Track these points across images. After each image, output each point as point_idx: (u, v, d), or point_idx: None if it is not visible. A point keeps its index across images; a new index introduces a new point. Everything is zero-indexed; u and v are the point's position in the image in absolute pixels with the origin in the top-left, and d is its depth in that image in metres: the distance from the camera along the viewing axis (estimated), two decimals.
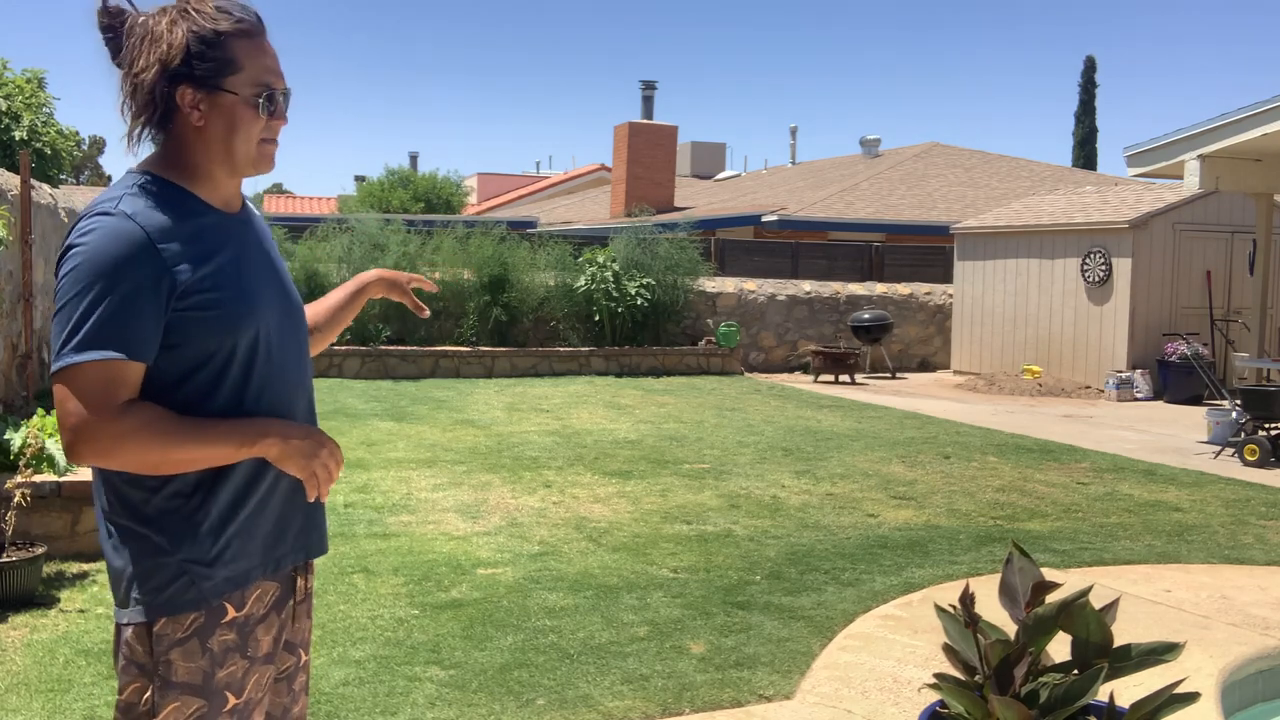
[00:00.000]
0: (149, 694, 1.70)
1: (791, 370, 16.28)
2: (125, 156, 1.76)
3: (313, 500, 1.75)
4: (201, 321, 1.66)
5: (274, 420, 1.73)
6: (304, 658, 1.97)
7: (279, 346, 1.79)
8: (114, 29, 1.71)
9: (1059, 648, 2.22)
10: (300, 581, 1.89)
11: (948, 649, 2.26)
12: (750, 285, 16.52)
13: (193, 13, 1.69)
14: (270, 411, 1.76)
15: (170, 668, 1.69)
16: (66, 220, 9.28)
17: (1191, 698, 2.04)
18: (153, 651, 1.70)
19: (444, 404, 11.27)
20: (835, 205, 21.78)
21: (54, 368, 1.61)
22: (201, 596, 1.70)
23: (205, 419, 1.67)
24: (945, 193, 23.26)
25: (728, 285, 16.34)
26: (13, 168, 8.25)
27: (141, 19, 1.70)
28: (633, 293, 14.96)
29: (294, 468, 1.71)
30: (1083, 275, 14.24)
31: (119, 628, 1.73)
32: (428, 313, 2.15)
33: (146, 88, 1.67)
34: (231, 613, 1.74)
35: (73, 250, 1.62)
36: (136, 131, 1.72)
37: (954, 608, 2.27)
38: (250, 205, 1.92)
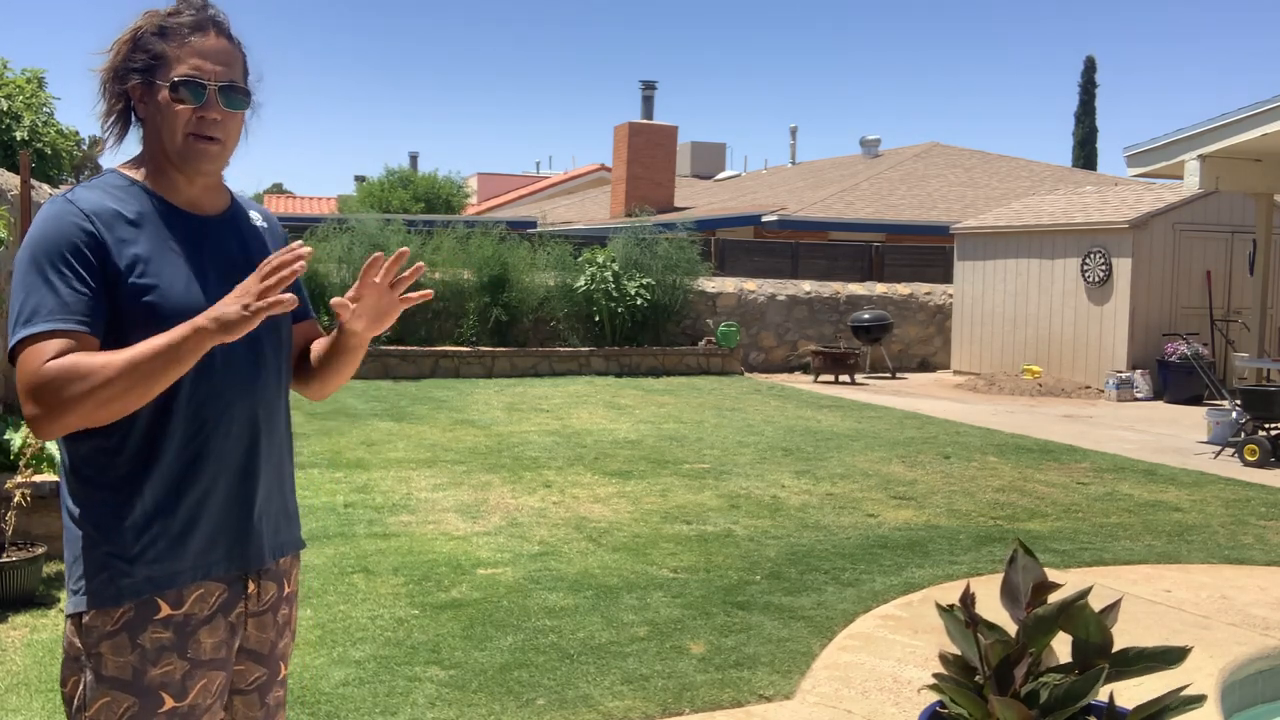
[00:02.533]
0: (80, 687, 1.69)
1: (791, 370, 16.28)
2: (111, 150, 1.82)
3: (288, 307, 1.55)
4: (136, 310, 1.66)
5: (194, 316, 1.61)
6: (281, 671, 1.91)
7: (224, 355, 1.73)
8: None
9: (1060, 648, 2.22)
10: (253, 585, 1.82)
11: (946, 651, 2.25)
12: (750, 285, 16.52)
13: (151, 13, 1.76)
14: (201, 418, 1.72)
15: (100, 660, 1.68)
16: None
17: (1197, 701, 2.04)
18: (84, 644, 1.69)
19: (444, 404, 11.27)
20: (835, 205, 21.78)
21: (10, 345, 1.62)
22: (120, 592, 1.68)
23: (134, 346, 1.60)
24: (945, 193, 23.26)
25: (728, 285, 16.34)
26: (13, 168, 8.24)
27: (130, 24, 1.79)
28: (632, 293, 14.96)
29: (234, 331, 1.57)
30: (1083, 275, 14.24)
31: (66, 619, 1.74)
32: (430, 294, 1.90)
33: (101, 83, 1.77)
34: (166, 610, 1.70)
35: (25, 239, 1.67)
36: (110, 120, 1.79)
37: (954, 607, 2.27)
38: (246, 212, 1.91)
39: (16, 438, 5.19)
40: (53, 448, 5.20)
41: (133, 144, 1.82)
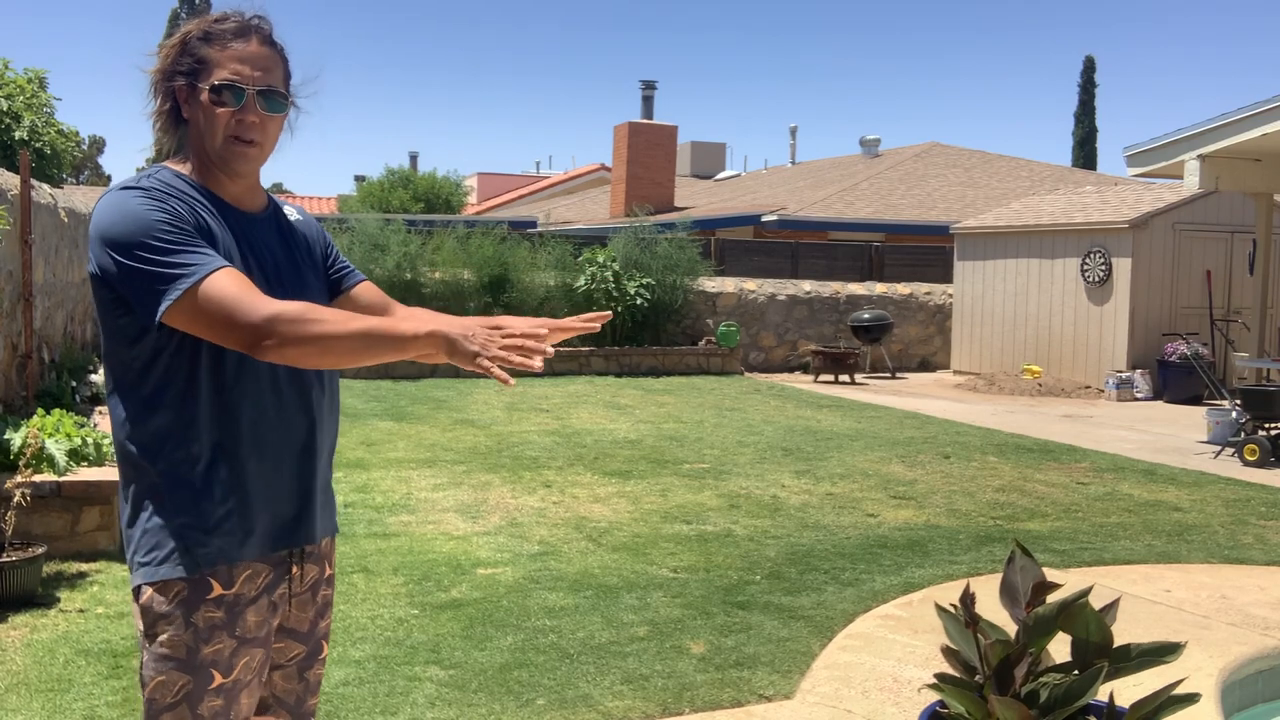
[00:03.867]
0: (142, 661, 1.77)
1: (791, 370, 16.28)
2: (134, 155, 1.88)
3: (510, 384, 1.55)
4: None
5: (434, 316, 1.88)
6: (323, 650, 2.00)
7: None
8: None
9: (1059, 648, 2.22)
10: (296, 569, 1.90)
11: (947, 651, 2.26)
12: (750, 285, 16.52)
13: (201, 20, 1.84)
14: (272, 393, 1.82)
15: (156, 640, 1.74)
16: (66, 220, 9.28)
17: (1192, 698, 2.04)
18: (144, 622, 1.76)
19: (444, 404, 11.27)
20: (835, 205, 21.78)
21: (175, 297, 1.67)
22: (194, 563, 1.74)
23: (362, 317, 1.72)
24: (945, 193, 23.26)
25: (728, 285, 16.34)
26: (13, 168, 8.24)
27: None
28: (632, 292, 14.96)
29: (463, 359, 1.62)
30: (1083, 275, 14.24)
31: (133, 593, 1.80)
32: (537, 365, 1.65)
33: (151, 84, 1.85)
34: (218, 589, 1.77)
35: (109, 219, 1.71)
36: (156, 126, 1.87)
37: (954, 607, 2.27)
38: (284, 210, 1.99)
39: (16, 438, 5.19)
40: (52, 448, 5.20)
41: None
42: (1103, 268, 13.92)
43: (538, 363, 1.57)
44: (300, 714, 1.98)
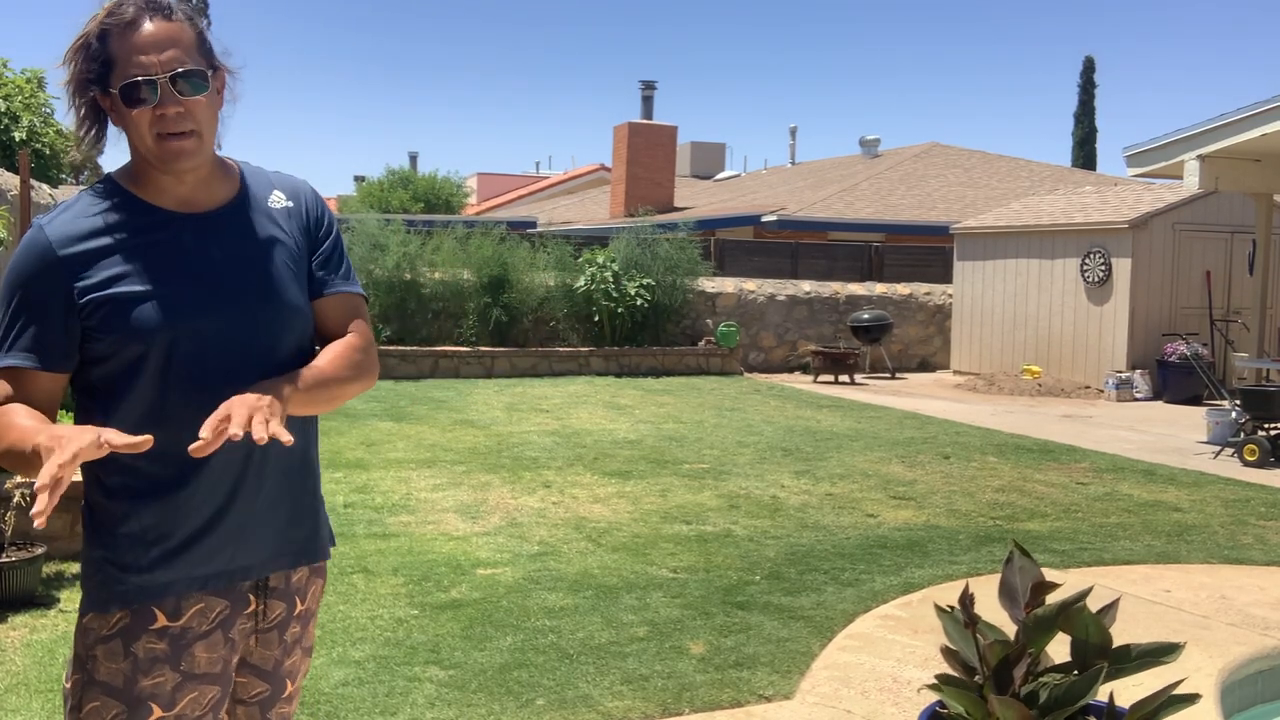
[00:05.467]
0: (77, 687, 1.69)
1: (791, 370, 16.28)
2: (76, 157, 1.81)
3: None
4: (107, 325, 1.64)
5: (41, 431, 1.52)
6: (287, 688, 1.86)
7: (216, 356, 1.68)
8: None
9: (1059, 648, 2.22)
10: (255, 604, 1.77)
11: (946, 651, 2.26)
12: (750, 285, 16.52)
13: (94, 16, 1.66)
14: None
15: (95, 663, 1.68)
16: None
17: (1192, 699, 2.04)
18: (82, 644, 1.70)
19: (444, 404, 11.27)
20: (835, 205, 21.78)
21: None
22: (110, 598, 1.67)
23: (20, 424, 1.57)
24: (945, 193, 23.27)
25: (727, 285, 16.34)
26: (12, 168, 8.24)
27: None
28: (632, 293, 14.96)
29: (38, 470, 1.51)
30: (1082, 275, 14.25)
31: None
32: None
33: (68, 96, 1.70)
34: (162, 620, 1.68)
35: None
36: (80, 139, 1.73)
37: (953, 607, 2.27)
38: (264, 198, 1.80)
39: None
40: None
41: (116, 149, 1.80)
42: (1102, 268, 13.92)
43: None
44: None
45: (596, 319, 15.00)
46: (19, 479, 4.78)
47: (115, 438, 1.45)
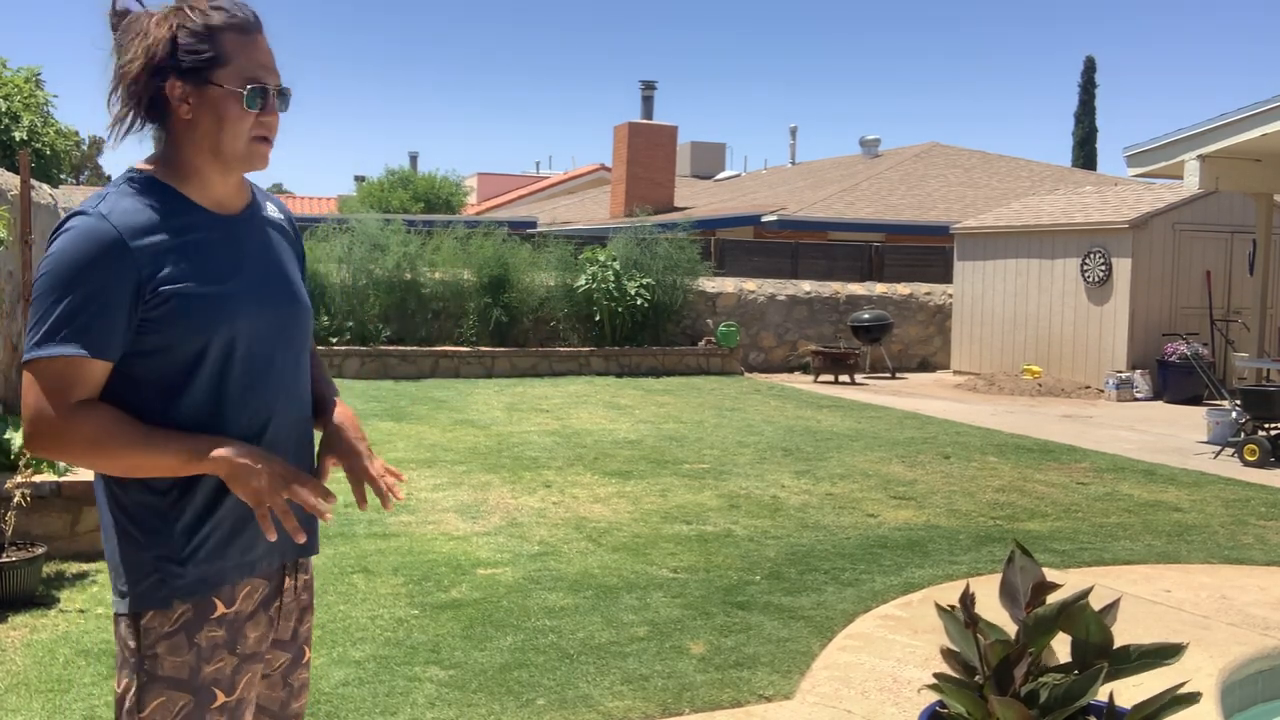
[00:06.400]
0: (135, 688, 1.71)
1: (791, 370, 16.28)
2: (111, 150, 1.79)
3: (271, 538, 1.67)
4: (170, 320, 1.66)
5: (231, 440, 1.67)
6: (305, 655, 1.97)
7: (264, 353, 1.76)
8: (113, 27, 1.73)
9: (1060, 648, 2.22)
10: (289, 581, 1.88)
11: (946, 653, 2.26)
12: (750, 285, 16.52)
13: (186, 9, 1.71)
14: (251, 418, 1.74)
15: (157, 661, 1.70)
16: None
17: (1193, 699, 2.04)
18: (139, 644, 1.70)
19: (444, 404, 11.27)
20: (835, 205, 21.78)
21: (22, 360, 1.64)
22: (171, 594, 1.70)
23: (160, 429, 1.66)
24: (945, 193, 23.26)
25: (727, 285, 16.34)
26: (12, 168, 8.24)
27: (138, 16, 1.72)
28: (633, 293, 14.96)
29: (242, 491, 1.66)
30: (1082, 275, 14.24)
31: (115, 619, 1.75)
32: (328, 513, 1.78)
33: (131, 78, 1.69)
34: (221, 609, 1.74)
35: (50, 250, 1.65)
36: (124, 122, 1.73)
37: (954, 607, 2.27)
38: (264, 206, 1.90)
39: (16, 438, 5.19)
40: None
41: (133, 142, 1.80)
42: (1102, 268, 13.92)
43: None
44: (285, 718, 1.94)
45: (597, 319, 15.00)
46: (19, 479, 4.78)
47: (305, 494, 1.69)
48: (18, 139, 8.99)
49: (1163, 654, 2.08)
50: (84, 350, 1.61)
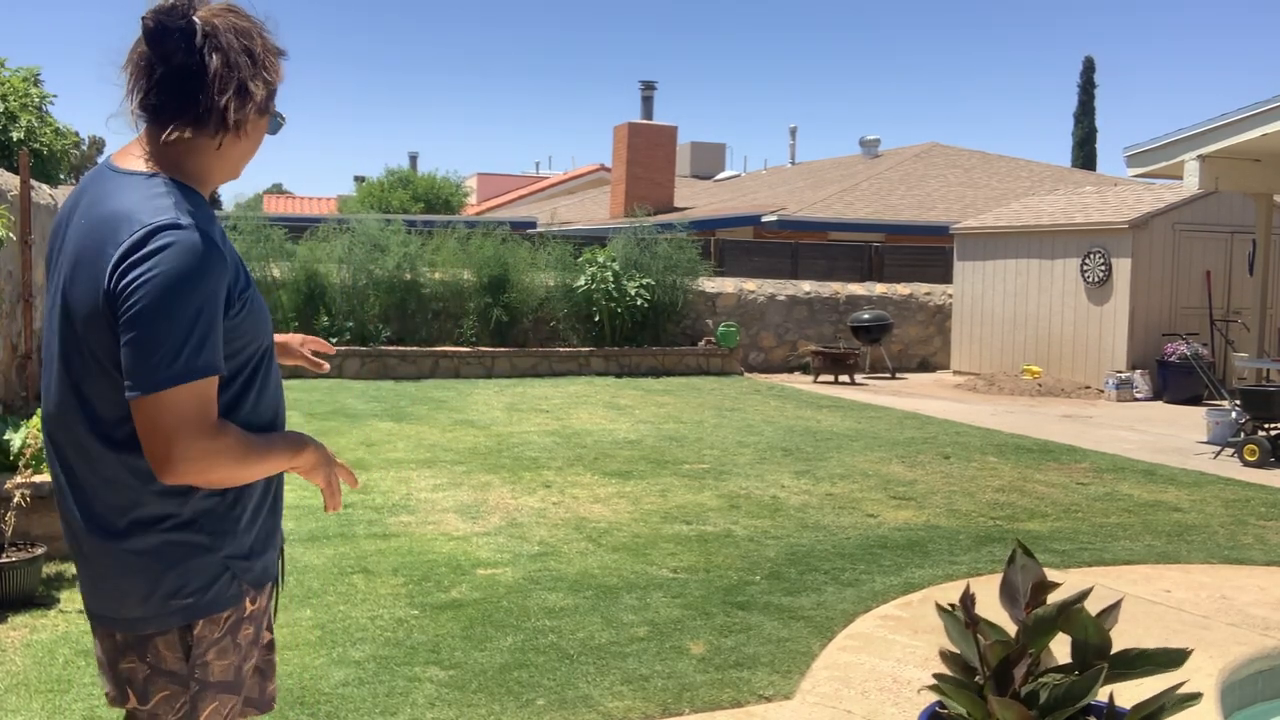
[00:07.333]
0: (184, 700, 1.70)
1: (791, 370, 16.28)
2: (164, 141, 1.67)
3: (333, 511, 1.85)
4: (245, 325, 1.69)
5: (299, 433, 1.79)
6: (269, 636, 2.00)
7: (272, 348, 1.85)
8: (175, 26, 1.63)
9: (1060, 648, 2.22)
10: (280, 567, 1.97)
11: (945, 654, 2.25)
12: (750, 285, 16.52)
13: (246, 23, 1.69)
14: (277, 411, 1.82)
15: (207, 669, 1.71)
16: None
17: (1193, 699, 2.04)
18: (189, 656, 1.69)
19: (444, 404, 11.27)
20: (835, 205, 21.78)
21: (151, 386, 1.54)
22: (241, 592, 1.74)
23: (263, 434, 1.72)
24: (945, 193, 23.26)
25: (727, 285, 16.34)
26: (11, 168, 8.24)
27: (250, 26, 1.69)
28: (632, 293, 14.96)
29: (319, 477, 1.79)
30: (1082, 275, 14.24)
31: (140, 640, 1.70)
32: (326, 367, 2.23)
33: (264, 98, 1.69)
34: (249, 607, 1.78)
35: (155, 266, 1.54)
36: (175, 128, 1.66)
37: (954, 607, 2.27)
38: None
39: (16, 438, 5.19)
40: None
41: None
42: (1102, 268, 13.92)
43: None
44: (263, 703, 1.96)
45: (596, 319, 14.99)
46: (19, 479, 4.77)
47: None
48: (15, 139, 8.98)
49: (1165, 661, 2.07)
50: (220, 368, 1.61)
